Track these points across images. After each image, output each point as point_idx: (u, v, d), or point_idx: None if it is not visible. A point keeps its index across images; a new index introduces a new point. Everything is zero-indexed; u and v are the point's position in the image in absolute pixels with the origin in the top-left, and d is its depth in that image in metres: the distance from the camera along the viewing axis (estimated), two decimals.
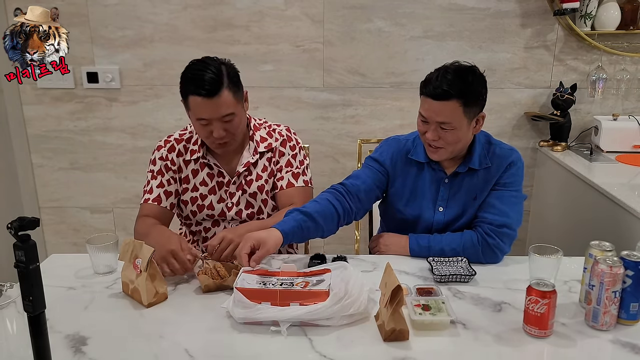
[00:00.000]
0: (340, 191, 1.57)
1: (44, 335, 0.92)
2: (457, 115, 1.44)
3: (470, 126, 1.49)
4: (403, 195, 1.63)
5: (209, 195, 1.68)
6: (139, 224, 1.62)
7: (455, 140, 1.49)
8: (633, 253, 1.18)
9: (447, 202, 1.59)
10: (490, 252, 1.50)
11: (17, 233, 0.86)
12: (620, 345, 1.13)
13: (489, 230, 1.50)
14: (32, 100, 2.62)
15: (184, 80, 1.53)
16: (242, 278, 1.28)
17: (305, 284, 1.24)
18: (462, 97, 1.42)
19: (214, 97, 1.49)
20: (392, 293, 1.08)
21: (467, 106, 1.44)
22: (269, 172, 1.70)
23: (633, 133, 2.41)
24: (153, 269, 1.29)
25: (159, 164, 1.68)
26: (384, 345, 1.12)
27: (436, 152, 1.53)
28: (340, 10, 2.49)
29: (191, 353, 1.10)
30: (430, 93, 1.44)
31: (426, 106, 1.47)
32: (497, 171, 1.56)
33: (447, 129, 1.46)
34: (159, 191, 1.66)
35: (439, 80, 1.43)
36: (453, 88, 1.41)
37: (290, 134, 1.75)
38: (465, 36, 2.52)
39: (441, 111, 1.44)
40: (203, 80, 1.48)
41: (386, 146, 1.67)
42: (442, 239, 1.53)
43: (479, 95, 1.47)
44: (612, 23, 2.43)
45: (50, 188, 2.76)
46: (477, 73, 1.47)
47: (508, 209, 1.53)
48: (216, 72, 1.50)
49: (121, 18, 2.50)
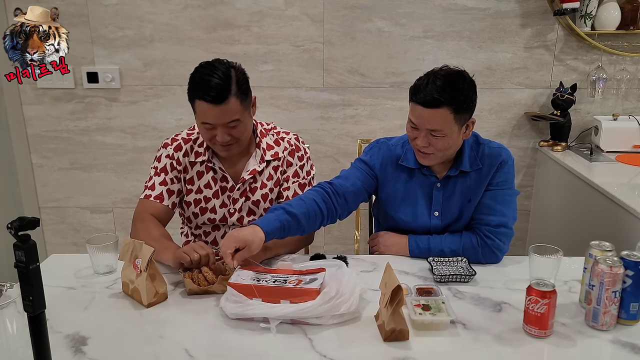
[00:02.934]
0: (327, 191, 1.54)
1: (44, 335, 0.92)
2: (448, 123, 1.42)
3: (460, 132, 1.47)
4: (395, 201, 1.62)
5: (212, 199, 1.66)
6: (139, 226, 1.57)
7: (445, 147, 1.47)
8: (633, 253, 1.18)
9: (442, 207, 1.59)
10: (490, 253, 1.50)
11: (17, 233, 0.86)
12: (620, 346, 1.13)
13: (487, 232, 1.50)
14: (32, 100, 2.62)
15: (192, 83, 1.50)
16: (237, 274, 1.29)
17: (297, 282, 1.24)
18: (453, 104, 1.40)
19: (220, 104, 1.45)
20: (392, 293, 1.09)
21: (458, 113, 1.42)
22: (275, 181, 1.68)
23: (633, 133, 2.41)
24: (153, 269, 1.28)
25: (165, 161, 1.64)
26: (384, 345, 1.12)
27: (426, 158, 1.51)
28: (341, 10, 2.49)
29: (191, 353, 1.10)
30: (420, 100, 1.42)
31: (416, 113, 1.45)
32: (489, 171, 1.55)
33: (438, 136, 1.44)
34: (162, 189, 1.63)
35: (429, 87, 1.40)
36: (444, 95, 1.39)
37: (299, 143, 1.71)
38: (465, 36, 2.52)
39: (432, 119, 1.42)
40: (210, 86, 1.44)
41: (376, 149, 1.65)
42: (441, 241, 1.54)
43: (470, 101, 1.45)
44: (612, 23, 2.43)
45: (50, 188, 2.75)
46: (467, 79, 1.44)
47: (504, 208, 1.53)
48: (224, 77, 1.46)
49: (121, 18, 2.50)
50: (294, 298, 1.19)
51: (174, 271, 1.44)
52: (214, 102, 1.45)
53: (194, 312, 1.26)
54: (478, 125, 2.58)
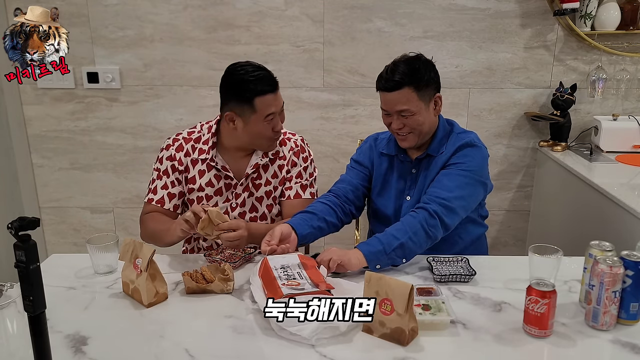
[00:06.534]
0: (332, 203, 1.64)
1: (44, 335, 0.92)
2: (413, 101, 1.53)
3: (429, 108, 1.58)
4: (376, 187, 1.72)
5: (215, 197, 1.69)
6: (147, 220, 1.65)
7: (418, 124, 1.56)
8: (633, 253, 1.18)
9: (414, 191, 1.64)
10: (429, 217, 1.45)
11: (17, 233, 0.86)
12: (620, 346, 1.13)
13: (426, 199, 1.50)
14: (32, 100, 2.62)
15: (243, 83, 1.53)
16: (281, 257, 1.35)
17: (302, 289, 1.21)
18: (412, 83, 1.52)
19: (276, 91, 1.58)
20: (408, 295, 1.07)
21: (419, 90, 1.53)
22: (280, 180, 1.72)
23: (633, 133, 2.41)
24: (153, 269, 1.29)
25: (166, 163, 1.68)
26: (384, 345, 1.12)
27: (405, 139, 1.60)
28: (341, 10, 2.49)
29: (191, 353, 1.10)
30: (383, 86, 1.55)
31: (384, 99, 1.58)
32: (449, 155, 1.60)
33: (408, 115, 1.54)
34: (163, 193, 1.67)
35: (389, 73, 1.54)
36: (402, 77, 1.52)
37: (304, 144, 1.78)
38: (465, 36, 2.52)
39: (397, 100, 1.54)
40: (264, 78, 1.55)
41: (364, 145, 1.79)
42: (389, 233, 1.44)
43: (429, 78, 1.56)
44: (612, 23, 2.43)
45: (51, 188, 2.76)
46: (422, 59, 1.57)
47: (449, 183, 1.53)
48: (265, 69, 1.58)
49: (121, 18, 2.50)
50: None
51: (174, 271, 1.44)
52: (272, 90, 1.56)
53: (194, 312, 1.26)
54: (478, 124, 2.63)
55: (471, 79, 2.56)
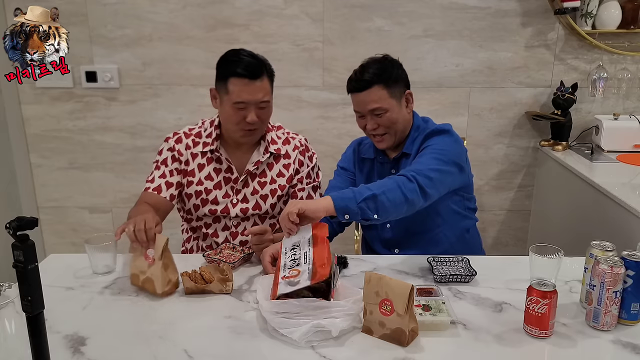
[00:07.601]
0: None
1: (43, 335, 0.92)
2: (383, 99, 1.57)
3: (401, 105, 1.61)
4: None
5: (214, 190, 1.69)
6: (133, 209, 1.61)
7: (392, 122, 1.59)
8: (634, 253, 1.18)
9: None
10: (411, 188, 1.40)
11: (15, 233, 0.85)
12: (621, 346, 1.12)
13: (405, 172, 1.45)
14: (30, 100, 2.61)
15: (225, 62, 1.57)
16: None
17: None
18: (381, 81, 1.56)
19: (255, 80, 1.54)
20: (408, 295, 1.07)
21: (389, 87, 1.57)
22: (287, 178, 1.73)
23: (634, 132, 2.41)
24: (167, 258, 1.31)
25: (166, 154, 1.69)
26: (384, 345, 1.12)
27: (382, 140, 1.63)
28: (340, 9, 2.49)
29: (190, 353, 1.09)
30: (354, 87, 1.60)
31: (355, 101, 1.62)
32: (419, 144, 1.61)
33: (381, 113, 1.57)
34: (161, 181, 1.66)
35: (359, 74, 1.59)
36: (371, 76, 1.56)
37: (307, 144, 1.80)
38: (465, 35, 2.51)
39: (368, 99, 1.58)
40: (247, 62, 1.54)
41: (349, 150, 1.83)
42: (363, 186, 1.41)
43: (397, 76, 1.60)
44: (612, 22, 2.42)
45: (49, 188, 2.75)
46: (388, 58, 1.62)
47: (423, 160, 1.50)
48: (256, 56, 1.58)
49: (120, 17, 2.49)
50: None
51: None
52: (251, 77, 1.53)
53: (193, 312, 1.26)
54: (478, 124, 2.62)
55: (472, 78, 2.55)
